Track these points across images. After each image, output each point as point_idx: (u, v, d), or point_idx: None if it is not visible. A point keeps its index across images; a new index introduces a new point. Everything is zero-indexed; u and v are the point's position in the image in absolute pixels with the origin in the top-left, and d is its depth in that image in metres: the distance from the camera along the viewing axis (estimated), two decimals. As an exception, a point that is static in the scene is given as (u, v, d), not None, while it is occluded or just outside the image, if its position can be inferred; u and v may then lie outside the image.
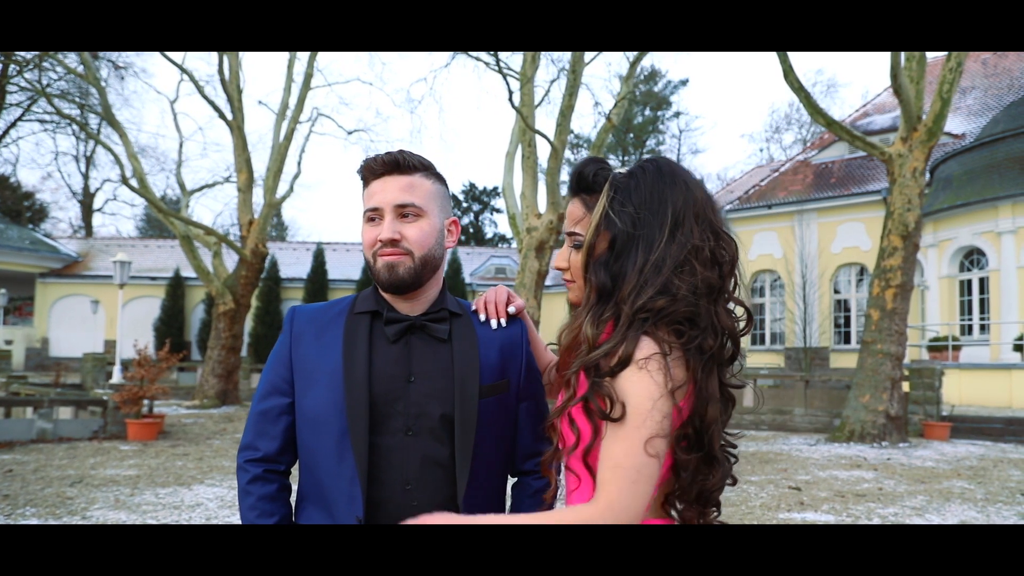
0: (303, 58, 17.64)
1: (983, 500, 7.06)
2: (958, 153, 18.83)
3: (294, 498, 1.54)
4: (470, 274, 29.66)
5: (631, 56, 16.24)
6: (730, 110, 64.94)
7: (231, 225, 40.67)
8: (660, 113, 44.77)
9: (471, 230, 44.80)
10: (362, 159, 1.48)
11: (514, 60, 17.04)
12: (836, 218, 21.73)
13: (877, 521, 6.16)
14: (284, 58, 18.25)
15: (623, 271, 1.26)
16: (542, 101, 16.15)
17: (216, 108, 16.79)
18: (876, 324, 11.30)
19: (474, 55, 15.09)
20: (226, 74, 16.43)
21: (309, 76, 17.46)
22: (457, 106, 58.50)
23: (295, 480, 1.53)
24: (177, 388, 17.45)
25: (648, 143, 44.31)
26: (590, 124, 54.13)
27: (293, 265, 29.18)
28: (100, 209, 41.79)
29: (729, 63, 75.20)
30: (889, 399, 11.11)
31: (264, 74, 55.59)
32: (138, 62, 31.92)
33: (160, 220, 25.35)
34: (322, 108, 39.06)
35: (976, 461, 9.61)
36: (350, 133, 20.42)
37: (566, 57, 15.87)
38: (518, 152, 15.70)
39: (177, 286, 27.28)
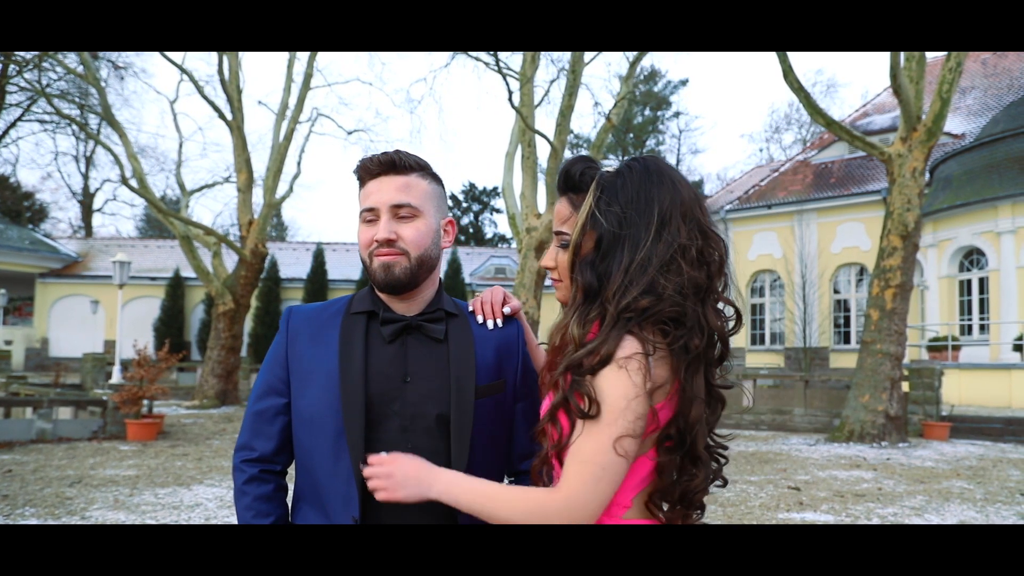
0: (303, 58, 17.64)
1: (982, 500, 7.07)
2: (958, 153, 18.84)
3: (290, 498, 1.54)
4: (470, 274, 29.64)
5: (631, 56, 16.23)
6: (730, 110, 65.06)
7: (231, 225, 40.69)
8: (660, 113, 44.76)
9: (471, 230, 44.77)
10: (358, 159, 1.48)
11: (514, 60, 17.03)
12: (836, 218, 21.74)
13: (876, 521, 6.15)
14: (284, 58, 18.26)
15: (609, 271, 1.26)
16: (542, 101, 16.16)
17: (216, 108, 16.79)
18: (876, 324, 11.30)
19: (474, 55, 15.09)
20: (226, 74, 16.43)
21: (309, 76, 17.47)
22: (457, 106, 58.61)
23: (291, 480, 1.52)
24: (177, 388, 17.45)
25: (648, 143, 44.29)
26: (590, 124, 54.24)
27: (293, 265, 29.17)
28: (100, 209, 41.83)
29: (729, 63, 75.26)
30: (889, 399, 11.11)
31: (264, 74, 55.55)
32: (138, 62, 31.99)
33: (160, 220, 25.32)
34: (322, 108, 39.13)
35: (975, 461, 9.61)
36: (350, 133, 20.45)
37: (566, 57, 15.87)
38: (518, 152, 15.69)
39: (177, 286, 27.28)
